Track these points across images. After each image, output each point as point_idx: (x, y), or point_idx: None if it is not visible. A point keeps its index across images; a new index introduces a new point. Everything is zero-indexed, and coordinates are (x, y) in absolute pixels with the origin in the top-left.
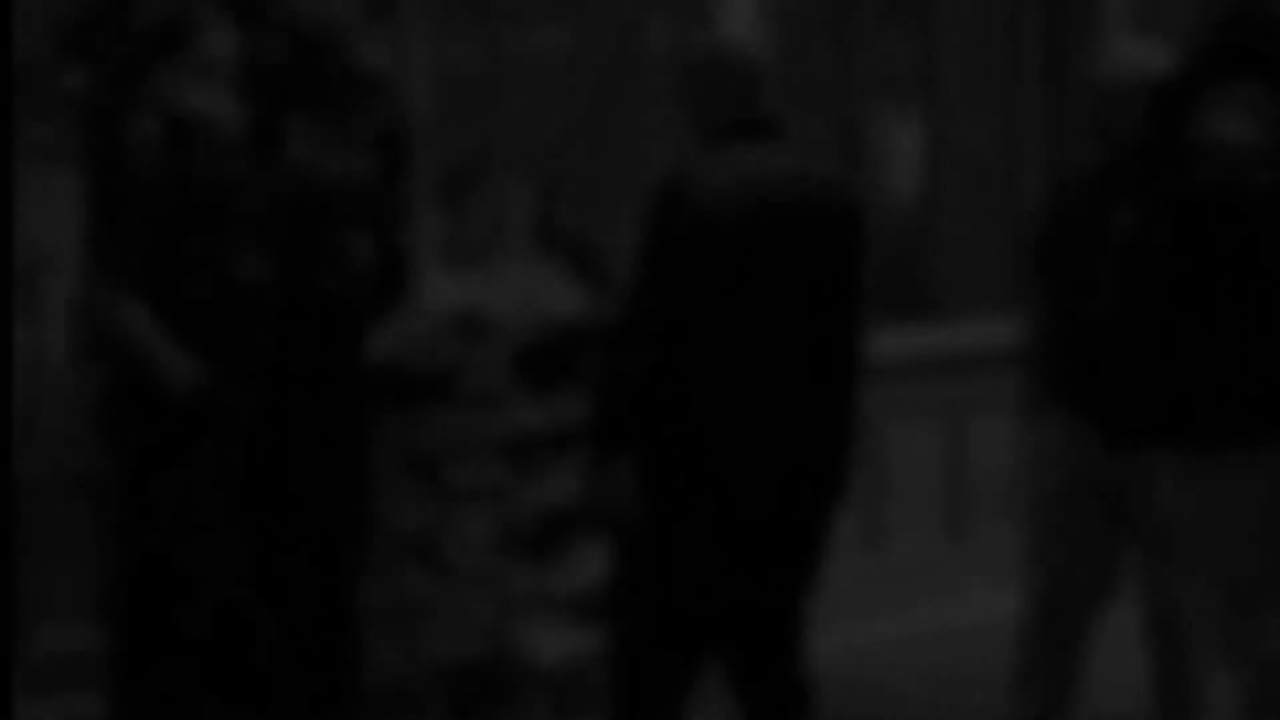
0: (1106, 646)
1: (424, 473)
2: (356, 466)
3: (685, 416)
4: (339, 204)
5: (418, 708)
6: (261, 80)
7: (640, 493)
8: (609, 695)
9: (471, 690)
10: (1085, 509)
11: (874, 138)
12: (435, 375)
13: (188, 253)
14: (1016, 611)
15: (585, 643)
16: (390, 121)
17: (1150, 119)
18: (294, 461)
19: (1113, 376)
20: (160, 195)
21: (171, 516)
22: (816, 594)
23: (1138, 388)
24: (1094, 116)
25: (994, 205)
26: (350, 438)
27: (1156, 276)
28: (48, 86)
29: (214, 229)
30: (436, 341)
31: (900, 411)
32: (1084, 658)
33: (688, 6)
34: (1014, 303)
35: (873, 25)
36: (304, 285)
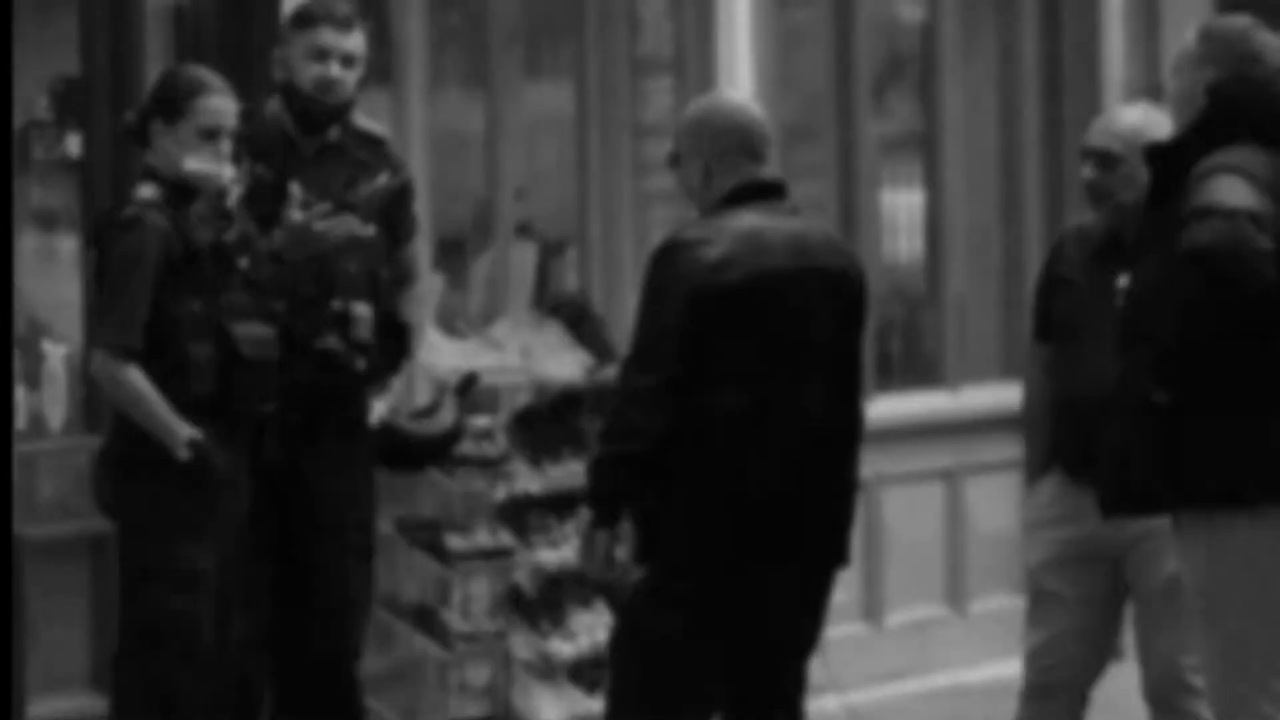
0: (1107, 710)
1: (424, 536)
2: (358, 530)
3: (686, 478)
4: (340, 267)
5: None
6: (262, 143)
7: (631, 558)
8: None
9: None
10: (1085, 573)
11: (875, 203)
12: (435, 439)
13: (188, 316)
14: (1017, 676)
15: (586, 706)
16: (392, 184)
17: (1150, 184)
18: (295, 525)
19: (1112, 441)
20: (161, 259)
21: (172, 580)
22: (815, 657)
23: (1137, 452)
24: (1094, 182)
25: (994, 270)
26: (351, 501)
27: (1157, 341)
28: (48, 150)
29: (214, 292)
30: (436, 406)
31: (900, 476)
32: None
33: (689, 70)
34: (1013, 367)
35: (873, 92)
36: (305, 349)
